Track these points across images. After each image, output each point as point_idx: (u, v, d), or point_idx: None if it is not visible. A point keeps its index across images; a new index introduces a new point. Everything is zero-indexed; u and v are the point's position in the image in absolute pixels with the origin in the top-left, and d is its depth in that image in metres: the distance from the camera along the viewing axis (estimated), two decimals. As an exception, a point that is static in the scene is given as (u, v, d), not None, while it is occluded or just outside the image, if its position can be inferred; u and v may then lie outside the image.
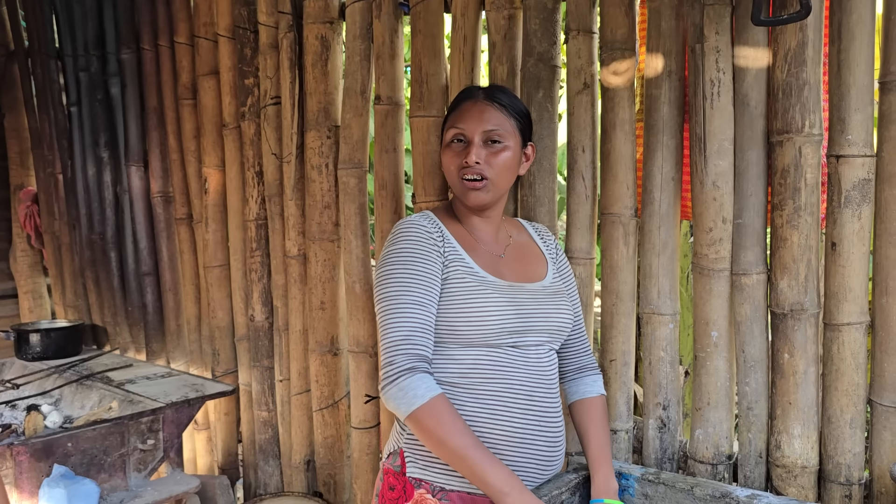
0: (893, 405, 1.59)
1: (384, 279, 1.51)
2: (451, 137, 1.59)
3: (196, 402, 2.53)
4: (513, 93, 1.64)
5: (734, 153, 1.71)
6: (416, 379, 1.41)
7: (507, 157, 1.56)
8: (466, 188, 1.55)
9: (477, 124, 1.55)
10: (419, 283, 1.48)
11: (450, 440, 1.38)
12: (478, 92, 1.62)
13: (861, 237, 1.59)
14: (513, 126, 1.58)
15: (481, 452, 1.39)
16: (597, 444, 1.63)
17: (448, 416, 1.40)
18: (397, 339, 1.44)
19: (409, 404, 1.40)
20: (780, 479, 1.69)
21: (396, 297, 1.47)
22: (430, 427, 1.40)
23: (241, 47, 2.68)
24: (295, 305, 2.59)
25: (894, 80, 1.55)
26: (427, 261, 1.50)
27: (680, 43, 1.79)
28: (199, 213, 3.02)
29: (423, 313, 1.46)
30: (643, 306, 1.88)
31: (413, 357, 1.44)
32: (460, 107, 1.61)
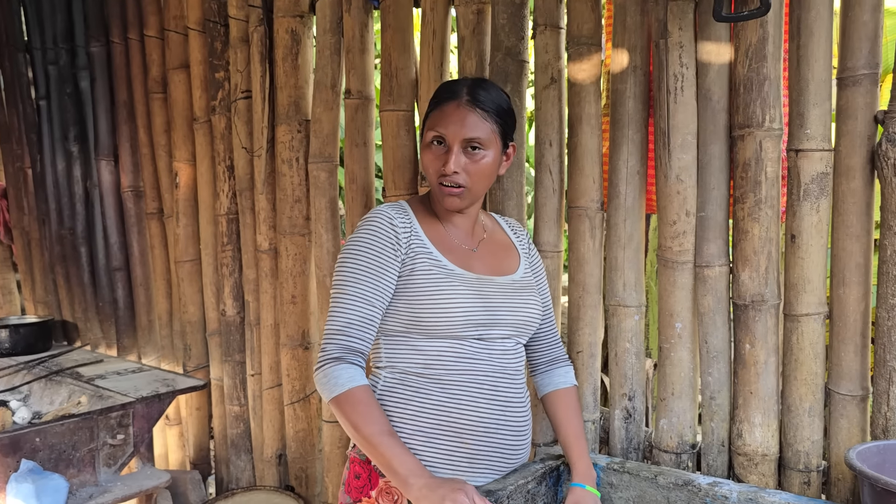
0: (850, 394, 1.63)
1: (338, 269, 1.54)
2: (432, 138, 1.56)
3: (167, 396, 2.52)
4: (496, 88, 1.59)
5: (697, 147, 1.74)
6: (341, 368, 1.45)
7: (486, 165, 1.54)
8: (444, 193, 1.56)
9: (458, 130, 1.52)
10: (367, 278, 1.50)
11: (363, 427, 1.42)
12: (461, 92, 1.55)
13: (819, 230, 1.63)
14: (494, 132, 1.54)
15: (392, 440, 1.41)
16: (573, 433, 1.65)
17: (364, 405, 1.43)
18: (335, 328, 1.49)
19: (330, 391, 1.45)
20: (742, 467, 1.72)
21: (343, 289, 1.51)
22: (346, 413, 1.44)
23: (211, 41, 2.67)
24: (266, 300, 2.59)
25: (851, 76, 1.58)
26: (380, 255, 1.51)
27: (645, 38, 1.81)
28: (169, 207, 3.00)
29: (364, 307, 1.49)
30: (609, 298, 1.90)
31: (343, 348, 1.48)
32: (442, 107, 1.55)
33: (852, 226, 1.60)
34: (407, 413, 1.52)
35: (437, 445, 1.52)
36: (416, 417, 1.52)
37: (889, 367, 1.54)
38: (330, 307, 1.52)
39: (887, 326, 1.54)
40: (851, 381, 1.62)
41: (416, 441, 1.51)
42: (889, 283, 1.53)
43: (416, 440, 1.51)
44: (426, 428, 1.52)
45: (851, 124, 1.58)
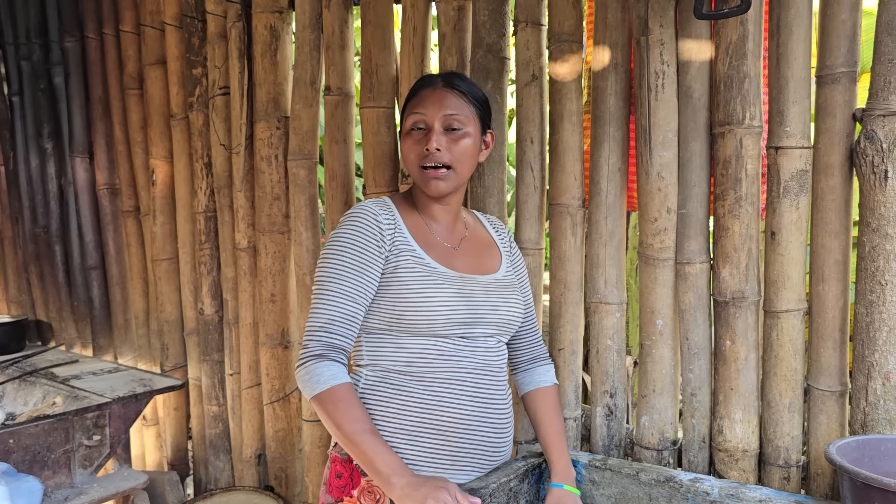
0: (829, 389, 1.64)
1: (321, 264, 1.53)
2: (411, 125, 1.57)
3: (144, 397, 2.48)
4: (470, 80, 1.64)
5: (678, 144, 1.74)
6: (324, 366, 1.44)
7: (467, 144, 1.56)
8: (427, 177, 1.55)
9: (437, 110, 1.54)
10: (351, 274, 1.48)
11: (345, 425, 1.40)
12: (436, 79, 1.60)
13: (799, 227, 1.64)
14: (472, 112, 1.57)
15: (374, 439, 1.40)
16: (553, 431, 1.65)
17: (345, 403, 1.42)
18: (317, 325, 1.47)
19: (312, 388, 1.44)
20: (723, 463, 1.73)
21: (326, 285, 1.49)
22: (328, 411, 1.42)
23: (188, 36, 2.63)
24: (245, 298, 2.56)
25: (830, 74, 1.59)
26: (365, 251, 1.50)
27: (626, 35, 1.82)
28: (146, 205, 2.96)
29: (347, 303, 1.48)
30: (590, 296, 1.90)
31: (326, 345, 1.46)
32: (419, 94, 1.59)
33: (831, 223, 1.61)
34: (389, 411, 1.51)
35: (420, 443, 1.51)
36: (398, 415, 1.51)
37: (867, 363, 1.55)
38: (312, 303, 1.51)
39: (866, 322, 1.55)
40: (830, 376, 1.64)
41: (398, 439, 1.50)
42: (867, 279, 1.54)
43: (399, 438, 1.50)
44: (408, 426, 1.50)
45: (830, 122, 1.59)
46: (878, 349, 1.54)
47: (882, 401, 1.54)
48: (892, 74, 1.48)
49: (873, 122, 1.51)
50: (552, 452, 1.63)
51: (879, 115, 1.49)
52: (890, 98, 1.48)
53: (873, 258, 1.53)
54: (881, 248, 1.52)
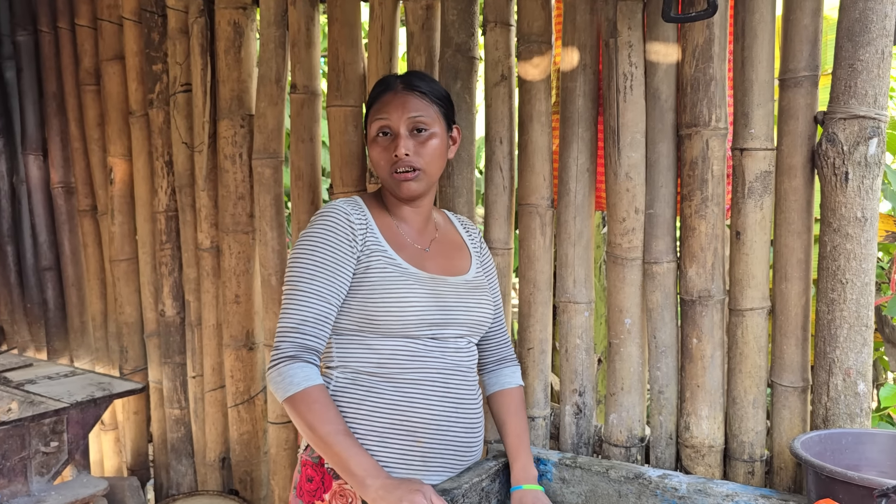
0: (792, 385, 1.68)
1: (292, 264, 1.51)
2: (377, 131, 1.56)
3: (103, 401, 2.42)
4: (430, 76, 1.64)
5: (646, 145, 1.77)
6: (296, 367, 1.43)
7: (435, 145, 1.56)
8: (399, 180, 1.54)
9: (400, 114, 1.54)
10: (323, 274, 1.47)
11: (318, 427, 1.39)
12: (395, 81, 1.59)
13: (763, 226, 1.67)
14: (436, 112, 1.57)
15: (348, 441, 1.39)
16: (515, 433, 1.66)
17: (319, 405, 1.41)
18: (289, 326, 1.46)
19: (285, 390, 1.42)
20: (689, 459, 1.76)
21: (298, 285, 1.47)
22: (301, 413, 1.41)
23: (148, 31, 2.58)
24: (208, 299, 2.52)
25: (793, 78, 1.63)
26: (337, 251, 1.49)
27: (594, 37, 1.83)
28: (104, 204, 2.89)
29: (319, 304, 1.46)
30: (559, 295, 1.91)
31: (298, 346, 1.45)
32: (380, 99, 1.58)
33: (794, 223, 1.65)
34: (361, 413, 1.50)
35: (392, 445, 1.50)
36: (369, 417, 1.50)
37: (829, 360, 1.59)
38: (283, 303, 1.49)
39: (827, 320, 1.59)
40: (793, 373, 1.68)
41: (370, 441, 1.49)
42: (828, 278, 1.58)
43: (371, 440, 1.49)
44: (380, 428, 1.50)
45: (793, 124, 1.63)
46: (838, 346, 1.58)
47: (843, 396, 1.58)
48: (852, 78, 1.52)
49: (834, 124, 1.55)
50: (512, 455, 1.64)
51: (840, 118, 1.54)
52: (850, 102, 1.52)
53: (834, 257, 1.57)
54: (842, 248, 1.56)
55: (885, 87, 1.52)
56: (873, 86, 1.51)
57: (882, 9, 1.49)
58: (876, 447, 1.51)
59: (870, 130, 1.51)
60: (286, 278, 1.51)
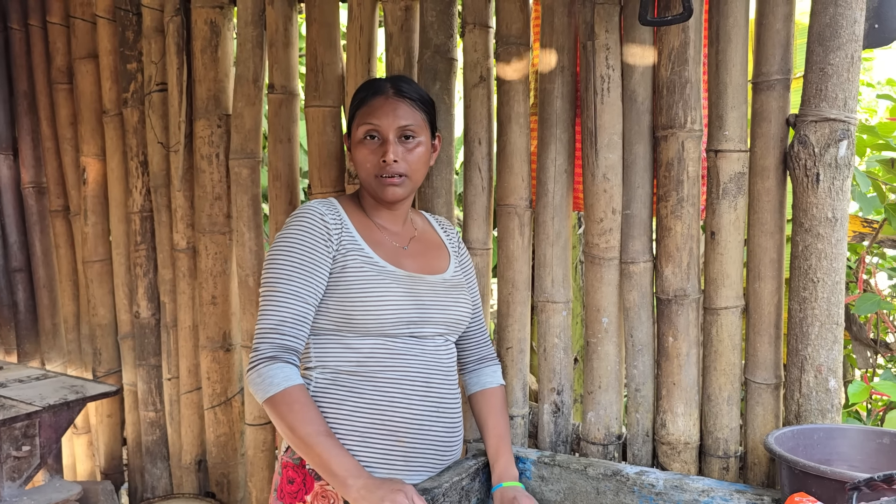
0: (765, 382, 1.71)
1: (268, 265, 1.51)
2: (364, 134, 1.57)
3: (76, 404, 2.39)
4: (416, 82, 1.66)
5: (623, 147, 1.79)
6: (276, 367, 1.43)
7: (421, 153, 1.58)
8: (384, 184, 1.55)
9: (391, 121, 1.55)
10: (300, 274, 1.48)
11: (299, 428, 1.40)
12: (386, 86, 1.60)
13: (737, 227, 1.71)
14: (423, 119, 1.59)
15: (329, 441, 1.39)
16: (496, 433, 1.67)
17: (300, 405, 1.41)
18: (267, 327, 1.46)
19: (264, 391, 1.42)
20: (666, 456, 1.79)
21: (275, 286, 1.48)
22: (281, 413, 1.41)
23: (122, 30, 2.55)
24: (184, 301, 2.49)
25: (766, 81, 1.67)
26: (313, 251, 1.49)
27: (572, 39, 1.85)
28: (76, 204, 2.85)
29: (296, 304, 1.47)
30: (538, 295, 1.93)
31: (277, 347, 1.45)
32: (370, 102, 1.59)
33: (767, 223, 1.68)
34: (341, 413, 1.50)
35: (373, 445, 1.51)
36: (350, 418, 1.50)
37: (801, 357, 1.63)
38: (261, 305, 1.49)
39: (799, 318, 1.63)
40: (766, 370, 1.71)
41: (351, 441, 1.49)
42: (800, 276, 1.62)
43: (352, 440, 1.50)
44: (361, 428, 1.50)
45: (766, 127, 1.67)
46: (810, 343, 1.62)
47: (814, 392, 1.62)
48: (822, 82, 1.56)
49: (806, 127, 1.58)
50: (493, 454, 1.66)
51: (812, 120, 1.57)
52: (821, 105, 1.56)
53: (806, 257, 1.61)
54: (813, 247, 1.60)
55: (855, 91, 1.56)
56: (843, 89, 1.55)
57: (851, 14, 1.53)
58: (847, 442, 1.55)
59: (840, 133, 1.55)
60: (263, 280, 1.51)
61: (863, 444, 1.54)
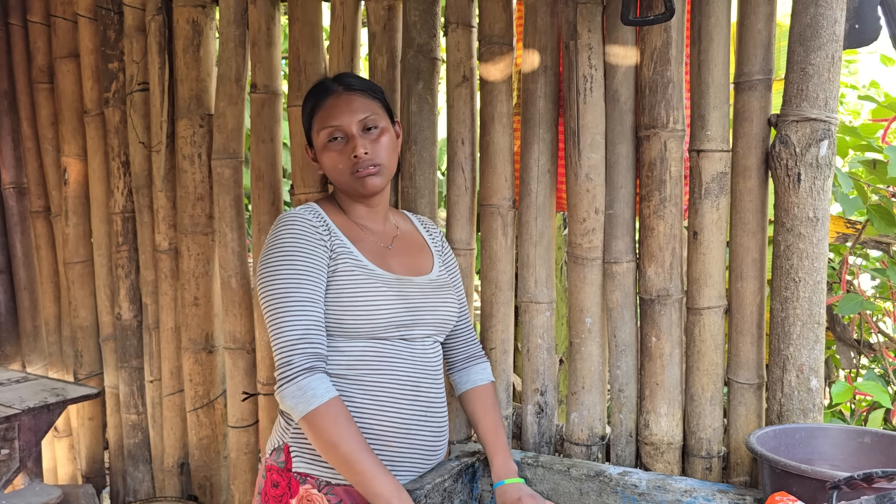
0: (747, 382, 1.72)
1: (270, 276, 1.46)
2: (328, 137, 1.55)
3: (56, 407, 2.36)
4: (359, 76, 1.67)
5: (606, 147, 1.79)
6: (316, 379, 1.39)
7: (387, 140, 1.58)
8: (361, 177, 1.54)
9: (350, 116, 1.54)
10: (308, 279, 1.45)
11: (343, 444, 1.37)
12: (333, 84, 1.59)
13: (719, 227, 1.71)
14: (380, 107, 1.59)
15: (372, 460, 1.37)
16: (492, 429, 1.66)
17: (343, 420, 1.38)
18: (293, 337, 1.41)
19: (307, 404, 1.38)
20: (649, 456, 1.79)
21: (286, 295, 1.43)
22: (324, 428, 1.37)
23: (103, 29, 2.52)
24: (166, 302, 2.47)
25: (748, 81, 1.67)
26: (313, 255, 1.48)
27: (555, 39, 1.85)
28: (57, 205, 2.82)
29: (315, 310, 1.44)
30: (521, 295, 1.93)
31: (311, 356, 1.41)
32: (323, 104, 1.57)
33: (749, 223, 1.68)
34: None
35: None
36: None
37: (783, 356, 1.63)
38: (273, 317, 1.43)
39: (781, 318, 1.63)
40: (749, 370, 1.71)
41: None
42: (782, 276, 1.62)
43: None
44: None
45: (748, 127, 1.67)
46: (792, 343, 1.62)
47: (796, 392, 1.62)
48: (804, 82, 1.56)
49: (787, 127, 1.59)
50: (490, 451, 1.64)
51: (793, 120, 1.57)
52: (802, 105, 1.56)
53: (787, 256, 1.61)
54: (795, 247, 1.60)
55: (836, 91, 1.56)
56: (824, 89, 1.55)
57: (832, 14, 1.53)
58: (828, 441, 1.55)
59: (821, 133, 1.55)
60: (266, 292, 1.46)
61: (844, 443, 1.55)
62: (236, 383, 2.32)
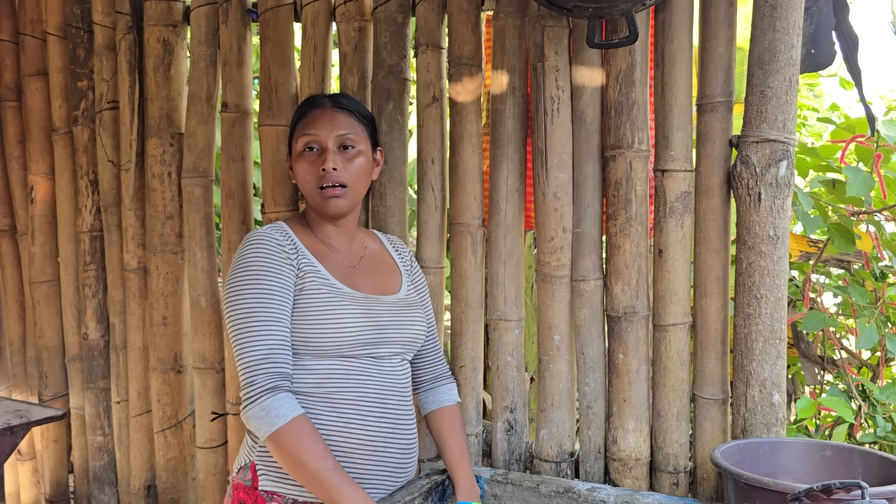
0: (713, 398, 1.74)
1: (236, 295, 1.46)
2: (303, 146, 1.58)
3: (20, 429, 2.32)
4: (357, 101, 1.69)
5: (573, 166, 1.82)
6: (279, 399, 1.39)
7: (362, 163, 1.59)
8: (325, 197, 1.55)
9: (329, 130, 1.56)
10: (273, 299, 1.46)
11: (310, 462, 1.37)
12: (324, 100, 1.63)
13: (684, 245, 1.74)
14: (363, 131, 1.60)
15: (340, 476, 1.37)
16: (457, 450, 1.67)
17: (308, 438, 1.38)
18: (257, 357, 1.41)
19: (270, 424, 1.38)
20: (617, 472, 1.80)
21: (251, 314, 1.44)
22: (290, 447, 1.37)
23: (73, 48, 2.51)
24: (134, 321, 2.45)
25: (709, 103, 1.72)
26: (279, 274, 1.48)
27: (523, 61, 1.89)
28: (24, 224, 2.78)
29: (280, 329, 1.45)
30: (491, 313, 1.94)
31: (275, 375, 1.41)
32: (308, 115, 1.61)
33: (712, 241, 1.72)
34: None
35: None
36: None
37: (746, 372, 1.66)
38: (238, 336, 1.44)
39: (744, 334, 1.67)
40: (714, 385, 1.74)
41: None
42: (745, 293, 1.66)
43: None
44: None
45: (710, 147, 1.71)
46: (755, 358, 1.65)
47: (759, 406, 1.65)
48: (763, 104, 1.61)
49: (748, 147, 1.63)
50: (456, 471, 1.65)
51: (753, 141, 1.62)
52: (762, 126, 1.61)
53: (749, 273, 1.65)
54: (756, 265, 1.64)
55: (793, 113, 1.61)
56: (782, 111, 1.60)
57: (789, 39, 1.59)
58: (791, 455, 1.58)
59: (780, 153, 1.60)
60: (231, 311, 1.46)
61: (806, 456, 1.58)
62: (205, 403, 2.30)
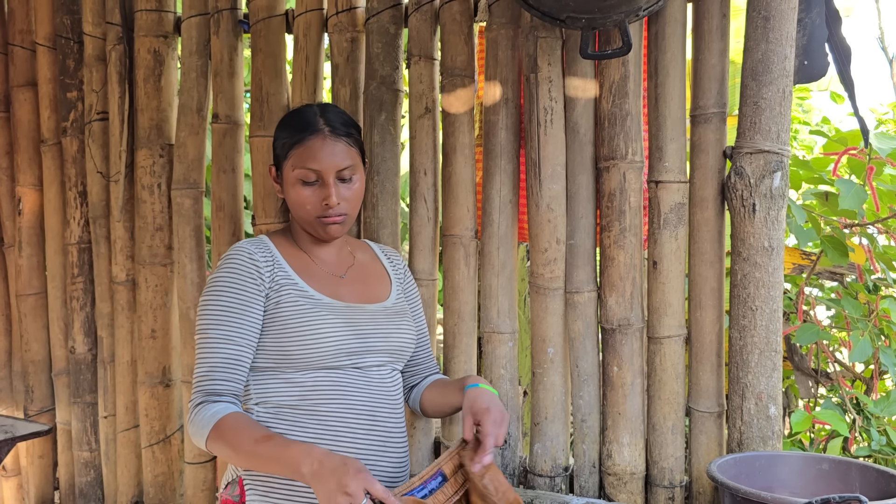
0: (708, 411, 1.73)
1: (201, 311, 1.51)
2: (302, 177, 1.53)
3: (4, 444, 2.28)
4: (344, 112, 1.63)
5: (566, 177, 1.81)
6: (203, 410, 1.43)
7: (359, 188, 1.59)
8: (325, 224, 1.54)
9: (331, 165, 1.51)
10: (229, 317, 1.47)
11: (241, 445, 1.38)
12: (319, 124, 1.54)
13: (678, 256, 1.73)
14: (357, 154, 1.58)
15: (272, 441, 1.37)
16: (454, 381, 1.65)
17: (232, 429, 1.39)
18: (199, 374, 1.47)
19: (200, 435, 1.42)
20: (612, 487, 1.78)
21: (206, 332, 1.48)
22: (221, 443, 1.40)
23: (63, 58, 2.50)
24: (122, 335, 2.42)
25: (703, 114, 1.71)
26: (242, 292, 1.49)
27: (516, 72, 1.88)
28: (11, 236, 2.75)
29: (229, 347, 1.46)
30: (484, 326, 1.92)
31: (205, 393, 1.45)
32: (307, 143, 1.52)
33: (707, 252, 1.71)
34: (283, 448, 1.46)
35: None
36: (292, 452, 1.46)
37: (742, 384, 1.65)
38: (196, 353, 1.50)
39: (739, 346, 1.65)
40: (709, 398, 1.73)
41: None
42: (740, 305, 1.65)
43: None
44: (303, 463, 1.46)
45: (704, 158, 1.71)
46: (750, 371, 1.64)
47: (755, 419, 1.64)
48: (756, 115, 1.61)
49: (742, 158, 1.63)
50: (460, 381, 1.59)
51: (747, 152, 1.62)
52: (756, 137, 1.61)
53: (745, 285, 1.64)
54: (751, 276, 1.63)
55: (787, 124, 1.61)
56: (776, 122, 1.60)
57: (782, 51, 1.59)
58: (788, 468, 1.57)
59: (774, 164, 1.60)
60: (197, 326, 1.51)
61: (803, 470, 1.56)
62: (194, 418, 2.27)
